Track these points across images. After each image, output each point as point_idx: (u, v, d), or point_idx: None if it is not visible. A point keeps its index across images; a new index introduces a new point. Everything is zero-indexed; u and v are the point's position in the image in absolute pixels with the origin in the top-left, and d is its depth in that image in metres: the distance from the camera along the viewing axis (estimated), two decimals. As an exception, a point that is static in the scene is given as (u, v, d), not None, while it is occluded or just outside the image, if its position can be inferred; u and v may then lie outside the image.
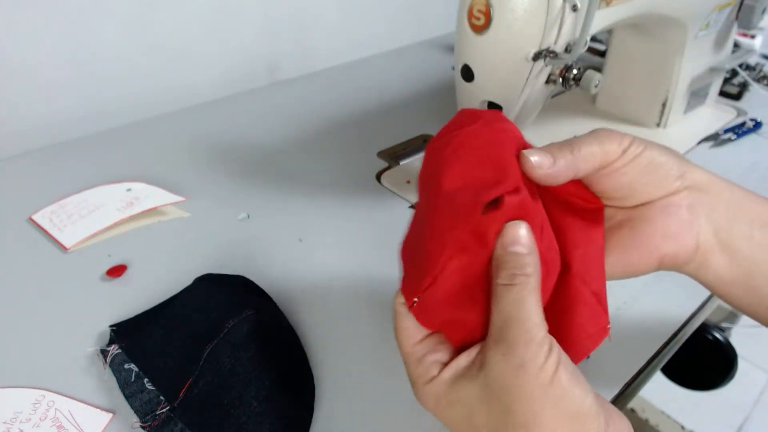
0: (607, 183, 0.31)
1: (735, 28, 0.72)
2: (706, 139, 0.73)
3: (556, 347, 0.26)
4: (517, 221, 0.28)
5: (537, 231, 0.28)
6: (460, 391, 0.27)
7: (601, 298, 0.30)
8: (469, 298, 0.28)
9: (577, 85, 0.49)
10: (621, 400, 0.41)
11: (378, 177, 0.65)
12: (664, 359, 0.46)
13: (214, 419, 0.36)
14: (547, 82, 0.50)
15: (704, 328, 1.18)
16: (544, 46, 0.46)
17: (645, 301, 0.49)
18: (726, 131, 0.74)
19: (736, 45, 0.80)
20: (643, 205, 0.32)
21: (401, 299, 0.29)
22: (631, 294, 0.49)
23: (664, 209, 0.31)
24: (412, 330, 0.29)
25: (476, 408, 0.26)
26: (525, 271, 0.27)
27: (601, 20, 0.50)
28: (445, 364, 0.28)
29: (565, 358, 0.26)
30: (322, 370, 0.42)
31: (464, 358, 0.28)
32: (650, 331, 0.46)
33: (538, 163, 0.29)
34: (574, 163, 0.30)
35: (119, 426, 0.38)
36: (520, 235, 0.27)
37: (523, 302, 0.26)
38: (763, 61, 0.93)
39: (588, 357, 0.43)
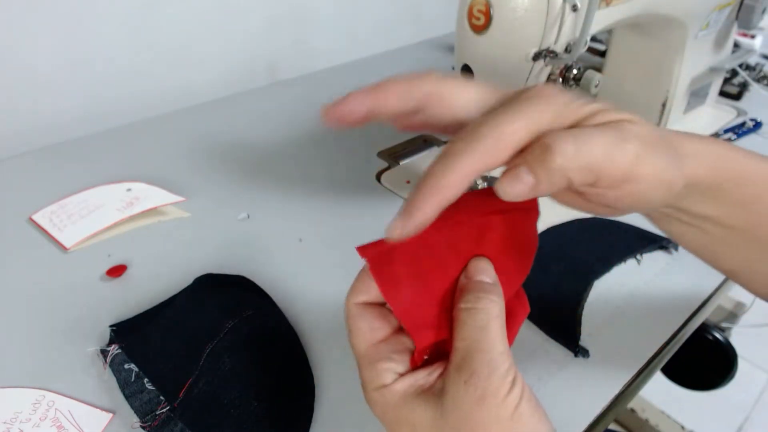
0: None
1: (735, 28, 0.72)
2: (706, 139, 0.73)
3: (520, 379, 0.25)
4: (481, 258, 0.27)
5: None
6: (412, 412, 0.25)
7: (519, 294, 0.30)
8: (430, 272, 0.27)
9: (577, 85, 0.49)
10: (621, 400, 0.41)
11: (378, 177, 0.65)
12: (664, 359, 0.46)
13: (214, 419, 0.36)
14: (547, 82, 0.50)
15: (704, 328, 1.18)
16: (544, 46, 0.46)
17: (645, 301, 0.49)
18: (726, 131, 0.74)
19: (736, 45, 0.80)
20: None
21: (355, 299, 0.28)
22: (630, 293, 0.49)
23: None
24: (366, 331, 0.27)
25: None
26: (489, 296, 0.26)
27: (601, 20, 0.50)
28: (401, 375, 0.26)
29: (528, 389, 0.25)
30: (322, 370, 0.42)
31: (422, 376, 0.26)
32: (650, 331, 0.46)
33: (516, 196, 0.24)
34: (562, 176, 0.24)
35: (119, 426, 0.38)
36: (486, 267, 0.27)
37: (488, 329, 0.25)
38: (763, 61, 0.93)
39: (588, 356, 0.43)
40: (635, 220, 0.55)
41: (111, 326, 0.44)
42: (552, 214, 0.56)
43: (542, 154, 0.23)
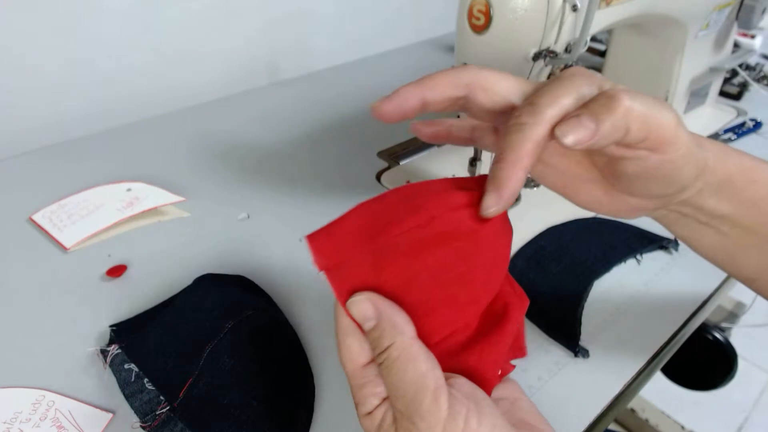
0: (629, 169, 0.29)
1: (735, 28, 0.72)
2: (706, 139, 0.73)
3: (460, 397, 0.25)
4: (354, 297, 0.27)
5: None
6: None
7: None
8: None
9: (577, 85, 0.48)
10: (621, 400, 0.41)
11: (378, 177, 0.65)
12: (664, 359, 0.46)
13: (214, 419, 0.36)
14: (547, 82, 0.50)
15: (704, 328, 1.18)
16: (544, 46, 0.46)
17: (645, 301, 0.49)
18: (726, 131, 0.74)
19: (736, 45, 0.80)
20: None
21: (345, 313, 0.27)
22: (631, 294, 0.49)
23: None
24: (356, 349, 0.27)
25: None
26: (381, 345, 0.26)
27: (601, 20, 0.50)
28: (384, 399, 0.27)
29: (479, 408, 0.25)
30: (322, 370, 0.42)
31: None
32: (650, 331, 0.46)
33: (575, 142, 0.25)
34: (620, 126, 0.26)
35: (119, 426, 0.38)
36: (362, 313, 0.26)
37: (396, 374, 0.25)
38: (763, 61, 0.93)
39: (588, 356, 0.43)
40: (635, 220, 0.55)
41: (111, 326, 0.44)
42: (552, 214, 0.56)
43: (608, 102, 0.26)
